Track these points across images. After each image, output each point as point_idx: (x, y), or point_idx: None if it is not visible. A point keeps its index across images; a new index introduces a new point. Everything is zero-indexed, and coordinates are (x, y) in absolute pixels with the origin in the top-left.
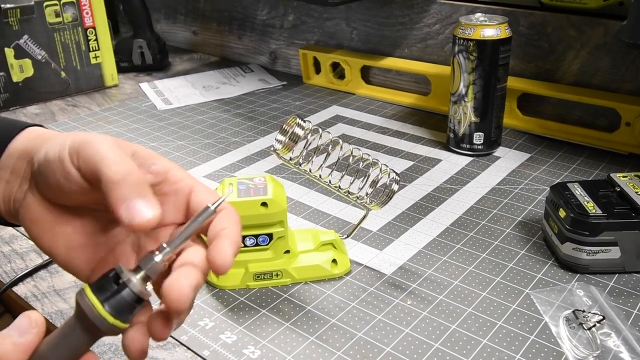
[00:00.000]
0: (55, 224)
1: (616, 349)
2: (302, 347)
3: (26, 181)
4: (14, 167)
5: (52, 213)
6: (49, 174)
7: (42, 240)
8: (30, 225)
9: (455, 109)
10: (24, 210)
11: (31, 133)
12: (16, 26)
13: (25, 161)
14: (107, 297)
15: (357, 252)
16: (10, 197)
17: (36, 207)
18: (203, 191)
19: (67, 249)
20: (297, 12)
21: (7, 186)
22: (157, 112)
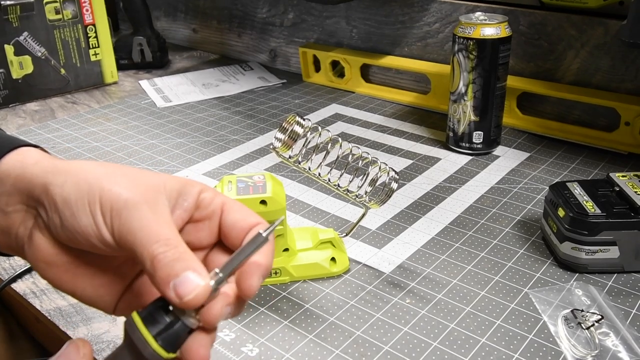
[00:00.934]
0: (75, 266)
1: (614, 349)
2: (301, 345)
3: (30, 217)
4: (10, 198)
5: (69, 255)
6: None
7: (62, 282)
8: (46, 268)
9: (455, 107)
10: (34, 251)
11: (22, 156)
12: (16, 23)
13: (24, 194)
14: (160, 331)
15: (356, 250)
16: (12, 232)
17: (50, 250)
18: (233, 208)
19: (93, 288)
20: (297, 10)
21: (6, 219)
22: (157, 109)
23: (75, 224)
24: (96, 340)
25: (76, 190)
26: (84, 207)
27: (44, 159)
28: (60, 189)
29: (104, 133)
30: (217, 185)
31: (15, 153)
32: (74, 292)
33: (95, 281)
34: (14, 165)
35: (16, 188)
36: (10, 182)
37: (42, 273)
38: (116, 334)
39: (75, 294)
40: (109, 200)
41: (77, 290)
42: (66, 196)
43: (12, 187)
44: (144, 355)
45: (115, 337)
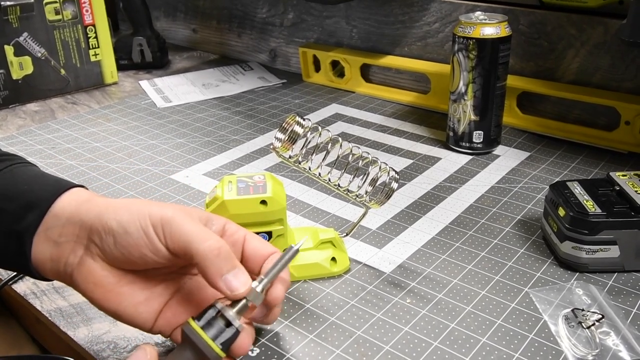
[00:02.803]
0: (119, 285)
1: (615, 348)
2: (301, 345)
3: (80, 247)
4: (63, 230)
5: (115, 276)
6: (131, 248)
7: (108, 302)
8: (94, 289)
9: (455, 107)
10: (84, 275)
11: (76, 195)
12: (16, 23)
13: (77, 226)
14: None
15: (357, 250)
16: (61, 260)
17: (99, 272)
18: (254, 238)
19: (134, 306)
20: (297, 10)
21: (57, 249)
22: (157, 109)
23: (129, 239)
24: (96, 341)
25: (128, 214)
26: (136, 225)
27: (93, 197)
28: (114, 215)
29: (104, 133)
30: (218, 186)
31: (69, 193)
32: (116, 311)
33: (135, 300)
34: (69, 204)
35: (70, 222)
36: (66, 217)
37: (90, 294)
38: (116, 335)
39: (118, 312)
40: (158, 217)
41: (119, 308)
42: (119, 219)
43: (67, 221)
44: (207, 356)
45: (116, 337)
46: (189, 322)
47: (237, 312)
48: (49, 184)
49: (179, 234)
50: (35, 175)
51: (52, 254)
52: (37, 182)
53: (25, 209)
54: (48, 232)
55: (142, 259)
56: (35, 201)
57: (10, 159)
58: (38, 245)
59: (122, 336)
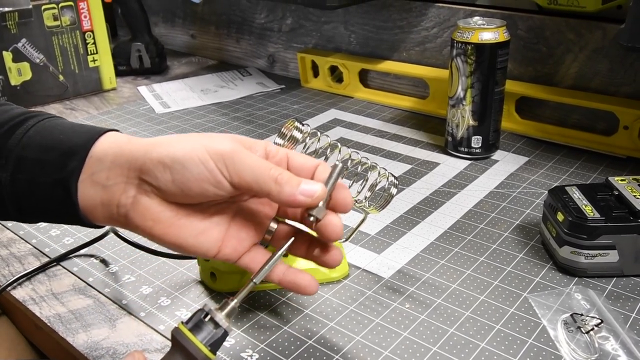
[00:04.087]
0: (177, 219)
1: (614, 353)
2: (300, 351)
3: (132, 187)
4: (110, 173)
5: (173, 210)
6: (190, 183)
7: (168, 236)
8: (153, 226)
9: (454, 112)
10: (141, 214)
11: (114, 138)
12: (14, 29)
13: (125, 167)
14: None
15: (355, 255)
16: (112, 202)
17: (156, 208)
18: (296, 155)
19: (195, 237)
20: (295, 15)
21: (107, 192)
22: (155, 115)
23: (189, 175)
24: (95, 347)
25: (182, 149)
26: (194, 160)
27: (131, 138)
28: (166, 151)
29: None
30: None
31: (106, 136)
32: (179, 244)
33: (195, 231)
34: (109, 146)
35: (116, 163)
36: (110, 160)
37: (149, 231)
38: (115, 340)
39: (180, 245)
40: (218, 153)
41: (180, 241)
42: (173, 156)
43: (112, 163)
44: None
45: (115, 343)
46: (178, 326)
47: (226, 314)
48: (84, 131)
49: (243, 169)
50: (70, 125)
51: (103, 198)
52: (72, 130)
53: (65, 156)
54: (94, 177)
55: (202, 194)
56: (74, 147)
57: (40, 114)
58: (86, 191)
59: (121, 342)
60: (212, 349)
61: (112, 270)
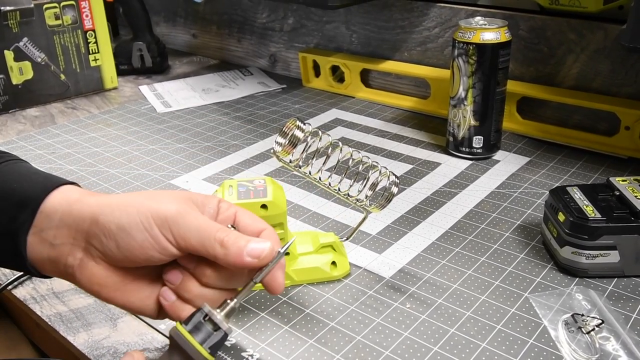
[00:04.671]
0: (125, 284)
1: (615, 353)
2: (301, 350)
3: (78, 249)
4: (57, 232)
5: (119, 275)
6: (137, 250)
7: (115, 299)
8: (99, 290)
9: (455, 112)
10: (87, 278)
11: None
12: (16, 29)
13: (72, 229)
14: (205, 339)
15: (357, 255)
16: (60, 261)
17: (102, 273)
18: (244, 215)
19: (141, 300)
20: (297, 15)
21: (54, 250)
22: (157, 115)
23: (133, 242)
24: (96, 346)
25: (127, 216)
26: (139, 227)
27: (83, 195)
28: (111, 217)
29: (103, 138)
30: (218, 190)
31: (58, 192)
32: (124, 305)
33: (141, 294)
34: (59, 203)
35: (64, 223)
36: (58, 218)
37: (96, 294)
38: (116, 340)
39: (125, 307)
40: (162, 216)
41: (126, 303)
42: (118, 222)
43: (60, 222)
44: None
45: (116, 342)
46: (176, 326)
47: (226, 315)
48: (39, 182)
49: (187, 232)
50: (26, 172)
51: (50, 256)
52: (27, 179)
53: (17, 207)
54: (42, 234)
55: (148, 260)
56: (26, 200)
57: (1, 157)
58: (34, 247)
59: (122, 341)
60: (212, 351)
61: None
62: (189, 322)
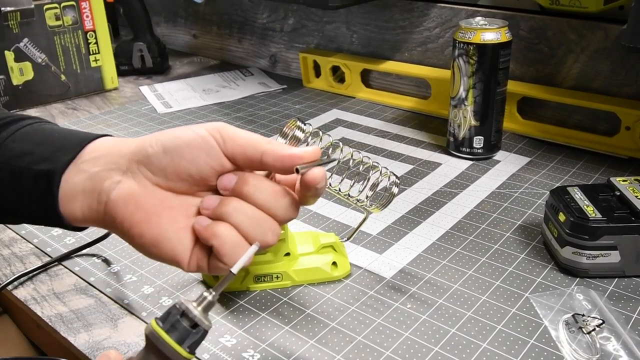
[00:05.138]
0: (161, 209)
1: (615, 353)
2: (302, 351)
3: (118, 172)
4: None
5: (156, 198)
6: (183, 150)
7: (149, 225)
8: (134, 212)
9: (455, 112)
10: (124, 197)
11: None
12: (16, 29)
13: (115, 156)
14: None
15: (357, 255)
16: (95, 190)
17: (142, 192)
18: None
19: (176, 232)
20: (297, 15)
21: (91, 180)
22: (157, 115)
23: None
24: (97, 347)
25: (178, 130)
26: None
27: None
28: (161, 134)
29: None
30: None
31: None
32: (158, 236)
33: (177, 224)
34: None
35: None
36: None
37: (129, 219)
38: (117, 340)
39: (159, 239)
40: (213, 125)
41: (160, 232)
42: (168, 133)
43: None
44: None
45: (116, 342)
46: (152, 325)
47: (203, 309)
48: (82, 134)
49: (237, 136)
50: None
51: (85, 186)
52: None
53: (57, 151)
54: (82, 165)
55: (193, 164)
56: (68, 144)
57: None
58: (69, 179)
59: (123, 342)
60: (191, 350)
61: (114, 270)
62: (165, 321)
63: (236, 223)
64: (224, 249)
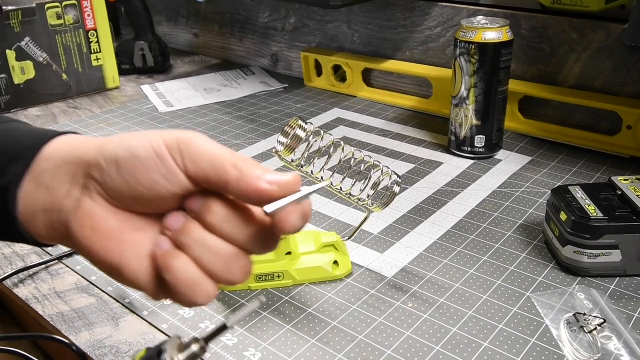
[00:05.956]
0: (122, 231)
1: (617, 352)
2: (303, 350)
3: (77, 187)
4: (57, 171)
5: (117, 220)
6: (138, 173)
7: (108, 251)
8: (92, 236)
9: (457, 112)
10: (81, 219)
11: (71, 138)
12: (18, 28)
13: (74, 165)
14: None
15: (359, 254)
16: (54, 207)
17: (99, 214)
18: None
19: (138, 259)
20: (299, 14)
21: (50, 195)
22: (159, 114)
23: (137, 163)
24: (98, 346)
25: (135, 139)
26: (146, 147)
27: (90, 137)
28: (119, 142)
29: None
30: None
31: (62, 137)
32: (118, 263)
33: (139, 250)
34: (65, 143)
35: (65, 161)
36: (60, 157)
37: (87, 243)
38: (118, 339)
39: (120, 266)
40: (174, 138)
41: (121, 260)
42: (125, 144)
43: (61, 160)
44: None
45: (118, 342)
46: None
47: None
48: (39, 133)
49: (200, 154)
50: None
51: (45, 202)
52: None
53: (8, 161)
54: (40, 178)
55: (151, 188)
56: (21, 150)
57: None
58: (28, 196)
59: (124, 341)
60: None
61: None
62: None
63: (197, 257)
64: (178, 287)
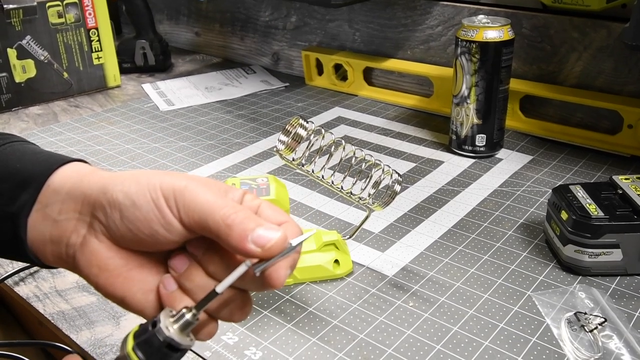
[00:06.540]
0: (126, 269)
1: (618, 352)
2: (304, 349)
3: (84, 225)
4: (63, 206)
5: (122, 258)
6: (139, 223)
7: (114, 288)
8: (98, 274)
9: (458, 110)
10: (88, 257)
11: (77, 167)
12: (19, 27)
13: (79, 201)
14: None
15: (359, 253)
16: (62, 241)
17: (104, 254)
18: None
19: (144, 294)
20: (300, 13)
21: (57, 228)
22: (160, 113)
23: (138, 213)
24: (99, 344)
25: (136, 184)
26: (146, 197)
27: (96, 169)
28: (120, 186)
29: (106, 137)
30: None
31: (68, 166)
32: (124, 298)
33: (144, 285)
34: (69, 177)
35: (71, 196)
36: (66, 191)
37: (94, 279)
38: (119, 338)
39: (125, 300)
40: (170, 187)
41: (127, 295)
42: (126, 191)
43: (67, 195)
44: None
45: (118, 340)
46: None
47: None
48: (45, 160)
49: (193, 204)
50: (31, 151)
51: (52, 235)
52: (31, 159)
53: (19, 188)
54: (47, 210)
55: (152, 237)
56: (29, 178)
57: (4, 138)
58: (36, 226)
59: None
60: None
61: None
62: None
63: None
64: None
